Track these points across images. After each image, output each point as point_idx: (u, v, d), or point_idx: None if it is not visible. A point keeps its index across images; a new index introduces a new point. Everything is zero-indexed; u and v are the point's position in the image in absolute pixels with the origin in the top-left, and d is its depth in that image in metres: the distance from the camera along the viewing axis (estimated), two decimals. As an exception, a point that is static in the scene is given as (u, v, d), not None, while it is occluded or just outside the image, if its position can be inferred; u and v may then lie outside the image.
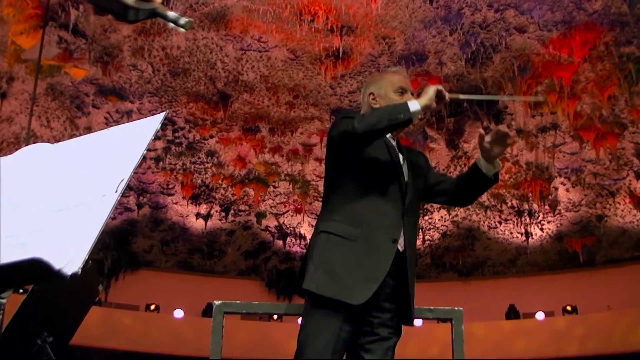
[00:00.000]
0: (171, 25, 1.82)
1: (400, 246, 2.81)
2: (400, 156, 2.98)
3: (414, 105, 2.71)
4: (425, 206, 17.75)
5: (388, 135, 3.01)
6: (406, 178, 2.93)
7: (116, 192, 1.49)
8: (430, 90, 2.76)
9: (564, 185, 17.19)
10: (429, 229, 18.91)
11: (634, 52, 13.14)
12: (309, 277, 2.70)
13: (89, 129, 15.70)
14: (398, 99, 3.00)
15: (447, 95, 2.79)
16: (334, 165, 2.97)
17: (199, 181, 18.13)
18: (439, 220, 18.91)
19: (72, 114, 15.62)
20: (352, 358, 2.78)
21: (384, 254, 2.74)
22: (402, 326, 2.89)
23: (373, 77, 3.30)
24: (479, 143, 2.93)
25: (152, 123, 1.70)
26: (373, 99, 3.08)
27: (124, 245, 19.62)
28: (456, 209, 17.90)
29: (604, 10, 12.38)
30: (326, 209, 2.91)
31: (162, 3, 1.82)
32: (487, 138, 2.89)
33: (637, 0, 11.65)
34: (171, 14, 1.81)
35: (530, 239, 18.74)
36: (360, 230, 2.75)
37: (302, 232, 19.79)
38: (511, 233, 18.91)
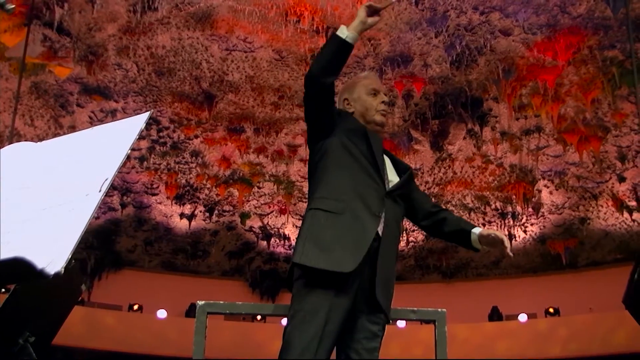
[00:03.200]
0: None
1: (380, 229, 2.82)
2: (377, 145, 3.03)
3: (342, 28, 3.00)
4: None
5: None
6: (385, 164, 3.02)
7: (100, 191, 1.48)
8: (359, 11, 3.07)
9: (548, 187, 17.27)
10: (413, 231, 18.93)
11: (618, 56, 13.23)
12: (298, 252, 2.74)
13: (73, 128, 15.61)
14: (372, 99, 3.18)
15: (380, 4, 3.02)
16: (316, 147, 3.04)
17: (183, 181, 18.06)
18: (423, 221, 18.91)
19: (56, 113, 15.52)
20: (337, 358, 2.78)
21: (369, 224, 2.79)
22: (386, 327, 2.90)
23: (345, 84, 3.39)
24: (488, 238, 3.14)
25: (137, 122, 1.70)
26: (348, 104, 3.22)
27: (108, 244, 19.52)
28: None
29: (588, 14, 12.46)
30: (312, 190, 2.98)
31: None
32: (485, 234, 3.13)
33: (621, 4, 11.73)
34: None
35: (513, 241, 18.80)
36: (345, 204, 2.80)
37: (287, 232, 19.76)
38: (494, 235, 18.95)
